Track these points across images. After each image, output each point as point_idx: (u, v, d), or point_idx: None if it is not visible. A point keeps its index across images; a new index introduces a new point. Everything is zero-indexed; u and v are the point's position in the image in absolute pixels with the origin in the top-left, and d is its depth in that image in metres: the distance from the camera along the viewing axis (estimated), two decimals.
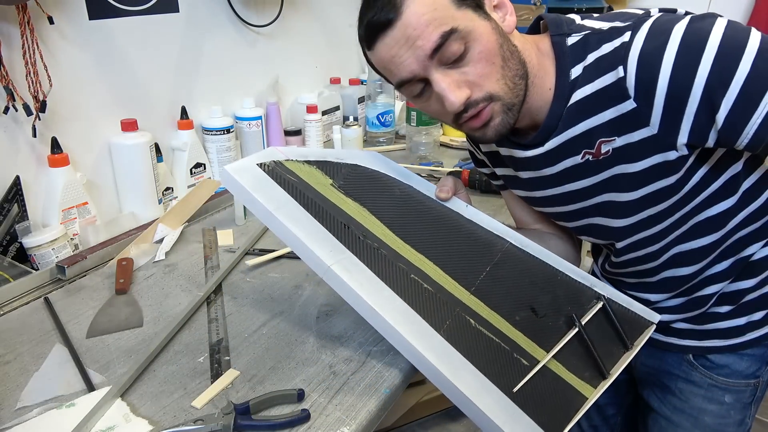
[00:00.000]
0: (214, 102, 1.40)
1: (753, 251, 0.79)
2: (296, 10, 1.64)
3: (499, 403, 0.64)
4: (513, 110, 0.72)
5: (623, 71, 0.66)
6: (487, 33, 0.69)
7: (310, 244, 0.72)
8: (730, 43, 0.60)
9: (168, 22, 1.27)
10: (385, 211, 0.79)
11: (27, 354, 0.77)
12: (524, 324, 0.73)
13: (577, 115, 0.72)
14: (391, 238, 0.76)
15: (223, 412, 0.63)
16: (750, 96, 0.60)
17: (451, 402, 0.66)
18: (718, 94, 0.61)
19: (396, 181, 0.83)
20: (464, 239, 0.81)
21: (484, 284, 0.76)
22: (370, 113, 1.73)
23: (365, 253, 0.73)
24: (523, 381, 0.68)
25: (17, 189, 1.01)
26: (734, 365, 0.84)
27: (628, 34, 0.66)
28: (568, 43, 0.72)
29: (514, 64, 0.71)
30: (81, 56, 1.10)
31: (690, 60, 0.62)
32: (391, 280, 0.71)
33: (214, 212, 1.26)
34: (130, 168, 1.17)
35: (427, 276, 0.74)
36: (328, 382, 0.70)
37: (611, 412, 1.10)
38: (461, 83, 0.69)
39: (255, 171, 0.75)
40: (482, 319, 0.72)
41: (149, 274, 0.98)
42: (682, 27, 0.63)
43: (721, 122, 0.62)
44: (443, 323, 0.70)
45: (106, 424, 0.64)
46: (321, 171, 0.80)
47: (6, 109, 0.97)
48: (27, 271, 0.96)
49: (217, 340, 0.79)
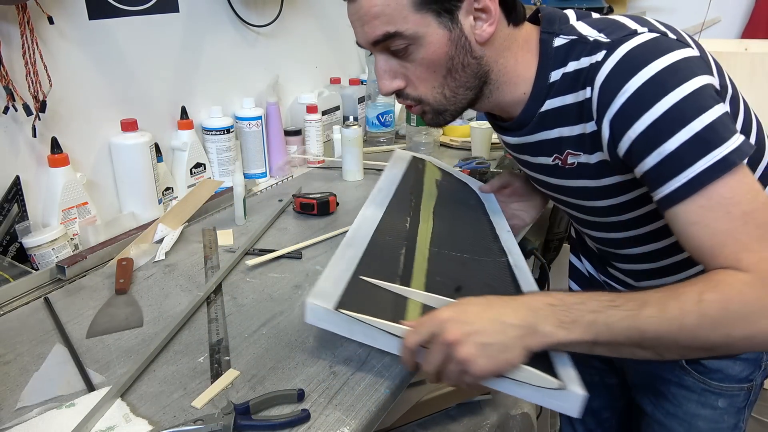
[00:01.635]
0: (214, 102, 1.40)
1: None
2: (296, 10, 1.64)
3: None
4: (445, 114, 0.76)
5: (590, 92, 0.67)
6: (438, 43, 0.69)
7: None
8: (675, 114, 0.61)
9: (168, 22, 1.27)
10: (444, 216, 0.95)
11: (27, 354, 0.77)
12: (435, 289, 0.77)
13: (549, 122, 0.74)
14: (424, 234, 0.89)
15: (223, 412, 0.63)
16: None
17: (451, 402, 0.66)
18: (643, 154, 0.64)
19: (477, 207, 0.98)
20: (472, 230, 0.90)
21: (447, 258, 0.83)
22: (370, 113, 1.73)
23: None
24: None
25: (17, 189, 1.01)
26: (728, 369, 0.84)
27: (602, 54, 0.66)
28: (555, 44, 0.72)
29: (461, 76, 0.72)
30: (81, 56, 1.10)
31: (634, 112, 0.63)
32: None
33: (214, 212, 1.26)
34: (130, 168, 1.17)
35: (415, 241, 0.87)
36: (328, 382, 0.70)
37: (606, 416, 1.10)
38: (398, 73, 0.73)
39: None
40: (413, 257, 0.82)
41: (149, 274, 0.98)
42: (649, 72, 0.62)
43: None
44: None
45: (106, 424, 0.64)
46: (442, 172, 1.05)
47: (6, 109, 0.97)
48: (27, 271, 0.96)
49: (217, 340, 0.79)
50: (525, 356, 0.60)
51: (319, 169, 1.57)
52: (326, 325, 0.70)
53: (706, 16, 2.10)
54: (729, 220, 0.59)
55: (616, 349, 0.61)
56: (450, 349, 0.60)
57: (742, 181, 0.60)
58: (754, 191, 0.60)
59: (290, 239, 1.11)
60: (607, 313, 0.59)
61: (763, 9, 2.10)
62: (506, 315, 0.60)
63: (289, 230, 1.16)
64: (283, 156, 1.51)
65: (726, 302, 0.57)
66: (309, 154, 1.58)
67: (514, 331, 0.59)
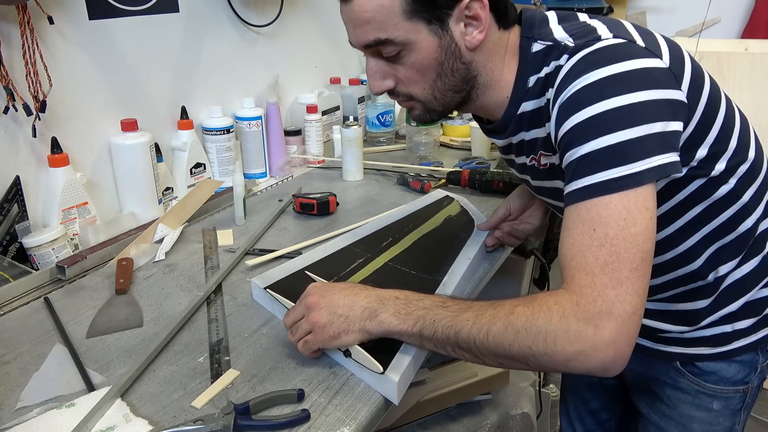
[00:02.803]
0: (214, 102, 1.40)
1: (727, 270, 0.79)
2: (296, 10, 1.64)
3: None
4: (433, 113, 0.77)
5: (550, 93, 0.69)
6: (428, 49, 0.71)
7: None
8: (602, 120, 0.61)
9: (168, 22, 1.27)
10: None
11: (27, 354, 0.77)
12: None
13: (524, 124, 0.76)
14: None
15: (223, 412, 0.63)
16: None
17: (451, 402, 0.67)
18: (565, 150, 0.65)
19: (461, 239, 1.03)
20: (436, 254, 0.97)
21: (393, 270, 0.92)
22: (370, 113, 1.73)
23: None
24: None
25: (17, 189, 1.01)
26: (722, 372, 0.83)
27: (565, 57, 0.67)
28: (533, 49, 0.73)
29: (450, 80, 0.73)
30: (81, 56, 1.10)
31: (570, 109, 0.64)
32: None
33: (214, 212, 1.26)
34: (130, 168, 1.17)
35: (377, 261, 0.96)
36: (328, 382, 0.70)
37: (605, 417, 1.10)
38: (388, 74, 0.74)
39: None
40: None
41: (149, 274, 0.98)
42: (594, 77, 0.63)
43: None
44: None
45: (106, 424, 0.64)
46: (461, 210, 1.13)
47: (6, 109, 0.97)
48: (27, 271, 0.96)
49: (217, 340, 0.79)
50: (363, 336, 0.68)
51: (319, 169, 1.57)
52: (262, 302, 0.88)
53: (706, 16, 2.09)
54: (590, 237, 0.60)
55: (440, 345, 0.65)
56: (307, 310, 0.71)
57: (627, 205, 0.59)
58: (631, 220, 0.59)
59: (290, 239, 1.11)
60: (435, 311, 0.65)
61: (763, 9, 2.10)
62: (359, 298, 0.69)
63: (289, 230, 1.16)
64: (283, 156, 1.51)
65: (532, 317, 0.59)
66: (309, 154, 1.58)
67: (359, 311, 0.68)
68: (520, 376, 1.45)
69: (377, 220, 1.10)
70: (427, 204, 1.16)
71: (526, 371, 1.48)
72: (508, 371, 1.35)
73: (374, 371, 0.68)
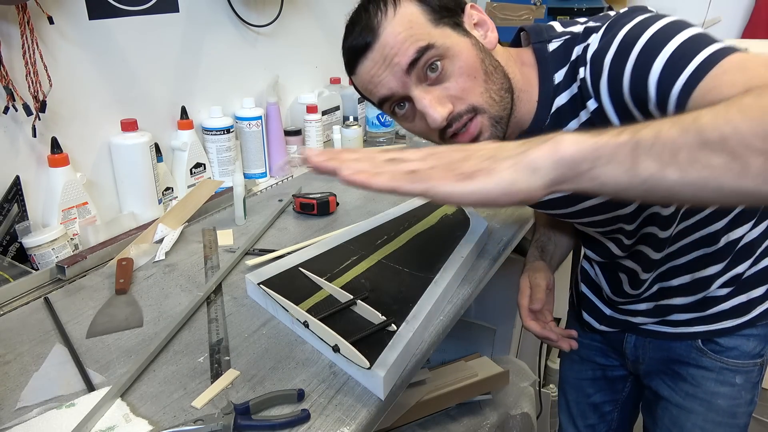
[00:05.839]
0: (214, 102, 1.40)
1: (742, 233, 0.81)
2: (296, 10, 1.64)
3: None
4: (501, 123, 0.72)
5: (583, 72, 0.67)
6: (467, 49, 0.70)
7: None
8: (666, 30, 0.60)
9: (168, 22, 1.27)
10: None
11: (27, 354, 0.77)
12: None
13: (562, 120, 0.73)
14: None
15: (223, 412, 0.63)
16: (670, 68, 0.58)
17: (451, 402, 0.67)
18: (645, 73, 0.60)
19: (456, 238, 1.02)
20: (430, 252, 0.97)
21: (387, 268, 0.92)
22: (370, 113, 1.73)
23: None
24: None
25: (17, 189, 1.01)
26: (742, 347, 0.87)
27: (594, 36, 0.67)
28: (549, 49, 0.72)
29: (498, 78, 0.71)
30: (81, 56, 1.10)
31: (624, 53, 0.62)
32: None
33: (214, 212, 1.26)
34: (130, 168, 1.17)
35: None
36: (328, 382, 0.70)
37: (608, 409, 1.11)
38: (443, 98, 0.70)
39: None
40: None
41: (149, 274, 0.98)
42: (628, 27, 0.62)
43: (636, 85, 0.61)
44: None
45: (106, 424, 0.64)
46: (456, 209, 1.13)
47: (6, 109, 0.97)
48: (27, 271, 0.96)
49: (217, 340, 0.79)
50: (518, 173, 0.47)
51: None
52: (256, 298, 0.88)
53: (706, 16, 2.10)
54: (745, 70, 0.52)
55: (669, 151, 0.42)
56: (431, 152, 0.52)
57: (749, 53, 0.54)
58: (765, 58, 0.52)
59: (290, 239, 1.11)
60: (633, 127, 0.46)
61: (763, 9, 2.10)
62: (509, 143, 0.51)
63: (289, 230, 1.16)
64: (283, 156, 1.51)
65: None
66: None
67: (513, 146, 0.49)
68: (520, 376, 1.45)
69: (373, 218, 1.10)
70: (424, 202, 1.17)
71: (526, 371, 1.48)
72: (507, 371, 1.35)
73: (361, 366, 0.68)
